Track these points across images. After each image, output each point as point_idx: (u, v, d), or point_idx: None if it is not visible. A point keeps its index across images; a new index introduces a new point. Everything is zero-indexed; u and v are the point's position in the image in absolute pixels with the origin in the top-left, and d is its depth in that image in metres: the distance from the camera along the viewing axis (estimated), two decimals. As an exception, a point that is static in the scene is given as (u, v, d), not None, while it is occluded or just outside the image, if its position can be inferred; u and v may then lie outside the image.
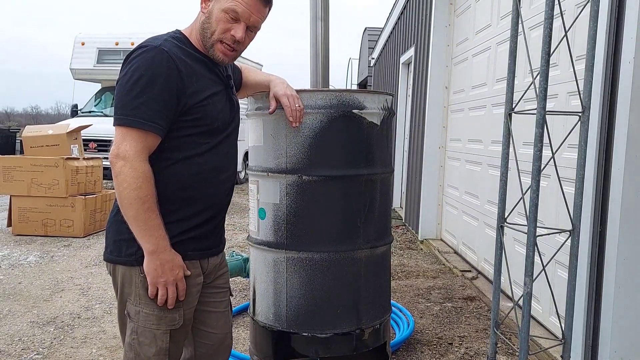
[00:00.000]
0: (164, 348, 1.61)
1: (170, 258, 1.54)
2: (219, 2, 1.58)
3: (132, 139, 1.47)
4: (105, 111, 9.82)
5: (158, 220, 1.51)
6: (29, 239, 5.94)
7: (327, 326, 2.01)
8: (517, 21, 2.35)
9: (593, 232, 2.49)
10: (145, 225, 1.49)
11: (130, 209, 1.48)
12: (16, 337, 3.25)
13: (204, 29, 1.61)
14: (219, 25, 1.58)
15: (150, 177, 1.49)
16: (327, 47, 2.35)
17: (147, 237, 1.50)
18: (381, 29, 10.85)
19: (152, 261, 1.52)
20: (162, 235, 1.52)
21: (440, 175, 5.88)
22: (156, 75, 1.49)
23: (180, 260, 1.58)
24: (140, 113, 1.47)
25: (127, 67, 1.52)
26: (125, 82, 1.50)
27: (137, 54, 1.52)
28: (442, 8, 5.68)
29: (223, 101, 1.68)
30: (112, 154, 1.49)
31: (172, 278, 1.55)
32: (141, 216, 1.48)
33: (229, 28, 1.59)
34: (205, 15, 1.60)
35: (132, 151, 1.47)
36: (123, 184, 1.47)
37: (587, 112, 2.18)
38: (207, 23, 1.60)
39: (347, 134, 1.97)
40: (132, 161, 1.46)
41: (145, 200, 1.47)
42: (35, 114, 49.15)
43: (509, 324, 3.32)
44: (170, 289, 1.56)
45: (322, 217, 1.99)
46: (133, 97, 1.48)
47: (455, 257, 5.14)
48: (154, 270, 1.52)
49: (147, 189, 1.48)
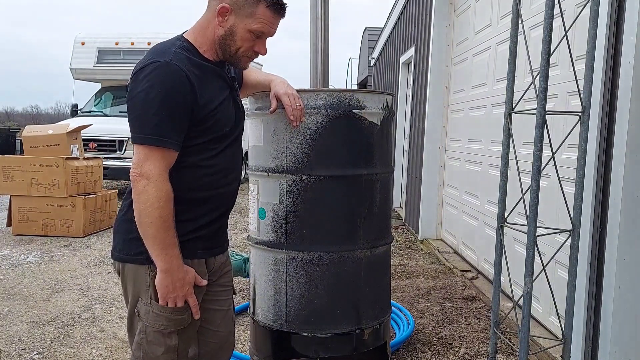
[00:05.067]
0: (173, 347, 1.62)
1: (182, 277, 1.56)
2: (242, 21, 1.60)
3: (155, 159, 1.49)
4: (105, 111, 9.82)
5: (174, 239, 1.53)
6: (29, 239, 5.94)
7: (327, 326, 2.01)
8: (517, 21, 2.35)
9: (593, 232, 2.49)
10: (162, 244, 1.51)
11: (150, 227, 1.50)
12: (16, 337, 3.25)
13: (226, 45, 1.63)
14: (244, 44, 1.63)
15: (172, 196, 1.52)
16: (327, 47, 2.35)
17: (162, 255, 1.52)
18: (381, 28, 10.85)
19: (164, 279, 1.54)
20: (177, 254, 1.54)
21: (440, 175, 5.88)
22: (171, 92, 1.49)
23: (192, 277, 1.61)
24: (160, 131, 1.49)
25: (140, 84, 1.50)
26: (142, 99, 1.49)
27: (149, 70, 1.50)
28: (442, 8, 5.68)
29: (230, 106, 1.70)
30: (134, 172, 1.50)
31: (182, 294, 1.58)
32: (160, 235, 1.50)
33: (254, 44, 1.65)
34: (226, 32, 1.61)
35: (156, 171, 1.48)
36: (146, 202, 1.48)
37: (587, 112, 2.18)
38: (230, 40, 1.62)
39: (347, 134, 1.96)
40: (156, 181, 1.48)
41: (166, 219, 1.50)
42: (35, 114, 49.13)
43: (509, 324, 3.32)
44: (179, 303, 1.59)
45: (322, 217, 1.99)
46: (151, 115, 1.48)
47: (455, 257, 5.14)
48: (165, 287, 1.55)
49: (169, 208, 1.50)
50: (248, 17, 1.59)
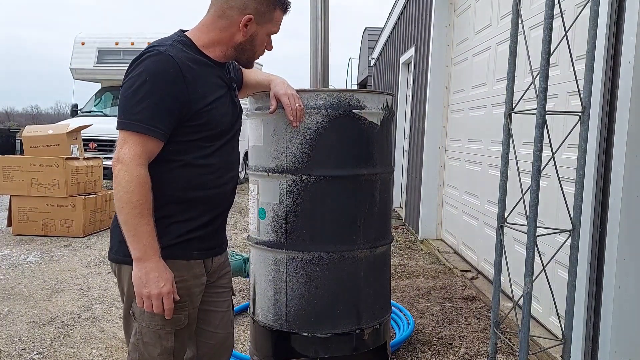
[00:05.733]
0: (169, 348, 1.61)
1: (156, 267, 1.49)
2: (262, 27, 1.66)
3: (131, 143, 1.47)
4: (105, 111, 9.83)
5: (149, 227, 1.48)
6: (29, 239, 5.94)
7: (327, 326, 2.01)
8: (517, 21, 2.35)
9: (593, 232, 2.49)
10: (134, 231, 1.47)
11: (121, 213, 1.48)
12: (16, 337, 3.25)
13: (244, 50, 1.68)
14: (262, 46, 1.70)
15: (145, 182, 1.48)
16: (327, 47, 2.34)
17: (134, 243, 1.48)
18: (381, 29, 10.84)
19: (137, 269, 1.50)
20: (151, 243, 1.49)
21: (440, 175, 5.88)
22: (160, 80, 1.49)
23: (169, 275, 1.52)
24: (141, 117, 1.47)
25: (132, 71, 1.52)
26: (129, 86, 1.50)
27: (142, 58, 1.52)
28: (442, 8, 5.68)
29: (226, 104, 1.68)
30: (113, 158, 1.50)
31: (155, 291, 1.49)
32: (131, 221, 1.47)
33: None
34: (247, 39, 1.65)
35: (129, 155, 1.46)
36: (117, 187, 1.47)
37: (587, 112, 2.18)
38: (250, 45, 1.67)
39: (347, 134, 1.96)
40: (129, 165, 1.46)
41: (137, 205, 1.46)
42: (35, 114, 49.17)
43: (509, 324, 3.32)
44: (154, 303, 1.50)
45: (322, 217, 1.99)
46: (136, 101, 1.48)
47: (455, 257, 5.14)
48: (138, 278, 1.49)
49: (140, 194, 1.46)
50: (268, 23, 1.66)
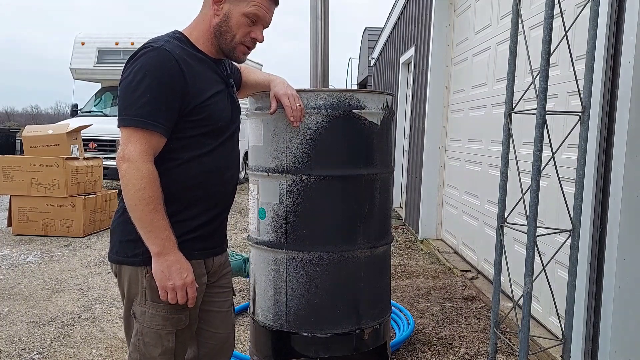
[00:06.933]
0: (170, 348, 1.61)
1: (176, 259, 1.51)
2: (237, 6, 1.60)
3: (136, 140, 1.47)
4: (105, 111, 9.82)
5: (164, 221, 1.49)
6: (28, 239, 5.94)
7: (327, 326, 2.01)
8: (517, 21, 2.35)
9: (593, 232, 2.49)
10: (150, 227, 1.48)
11: (135, 211, 1.48)
12: (16, 337, 3.25)
13: (222, 32, 1.62)
14: (240, 29, 1.62)
15: (155, 178, 1.48)
16: (327, 47, 2.34)
17: (152, 238, 1.49)
18: (381, 28, 10.84)
19: (159, 263, 1.50)
20: (168, 237, 1.50)
21: (440, 175, 5.89)
22: (159, 76, 1.49)
23: (189, 265, 1.55)
24: (143, 113, 1.47)
25: (130, 67, 1.52)
26: (129, 82, 1.50)
27: (139, 54, 1.52)
28: (442, 8, 5.68)
29: (225, 100, 1.68)
30: (118, 156, 1.49)
31: (180, 282, 1.52)
32: (146, 217, 1.47)
33: (250, 31, 1.64)
34: (221, 19, 1.61)
35: (136, 152, 1.46)
36: (128, 185, 1.47)
37: (587, 112, 2.18)
38: (226, 26, 1.61)
39: (347, 134, 1.96)
40: (136, 162, 1.46)
41: (150, 201, 1.46)
42: (35, 113, 49.17)
43: (509, 324, 3.32)
44: (179, 294, 1.53)
45: (322, 217, 1.99)
46: (136, 97, 1.48)
47: (455, 257, 5.14)
48: (161, 272, 1.51)
49: (152, 190, 1.47)
50: (242, 1, 1.60)
